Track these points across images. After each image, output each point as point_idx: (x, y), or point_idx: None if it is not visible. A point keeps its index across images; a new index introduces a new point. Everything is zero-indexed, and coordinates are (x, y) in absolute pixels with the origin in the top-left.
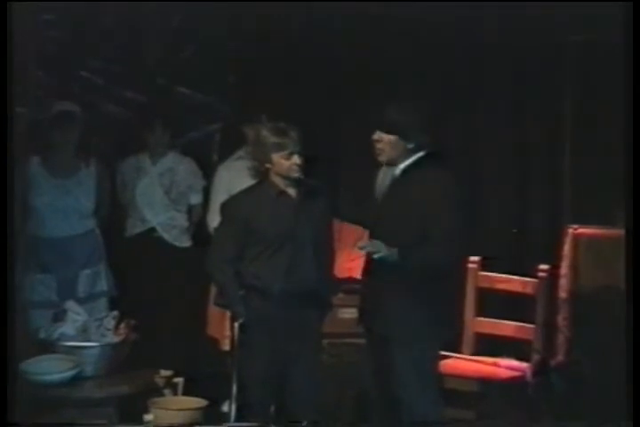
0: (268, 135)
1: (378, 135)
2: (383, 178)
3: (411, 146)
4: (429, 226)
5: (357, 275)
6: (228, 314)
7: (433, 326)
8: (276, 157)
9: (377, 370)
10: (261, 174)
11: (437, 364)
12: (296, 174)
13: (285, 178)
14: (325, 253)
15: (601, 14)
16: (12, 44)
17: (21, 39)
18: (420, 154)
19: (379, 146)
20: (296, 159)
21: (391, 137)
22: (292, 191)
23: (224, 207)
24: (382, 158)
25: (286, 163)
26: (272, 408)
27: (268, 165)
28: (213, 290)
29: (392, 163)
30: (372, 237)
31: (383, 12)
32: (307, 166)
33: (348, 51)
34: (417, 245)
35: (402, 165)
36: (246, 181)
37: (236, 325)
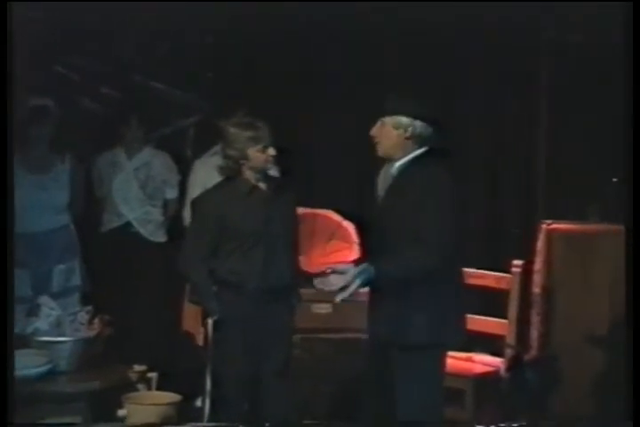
0: (238, 131)
1: (374, 130)
2: (384, 175)
3: (407, 135)
4: (419, 229)
5: None
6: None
7: (438, 330)
8: (251, 151)
9: (378, 375)
10: (233, 172)
11: (442, 370)
12: (270, 166)
13: (258, 172)
14: (295, 248)
15: (601, 14)
16: (12, 43)
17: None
18: (422, 150)
19: (375, 140)
20: (271, 151)
21: (386, 126)
22: (263, 186)
23: (195, 204)
24: (379, 152)
25: (262, 156)
26: (245, 404)
27: (242, 162)
28: (188, 286)
29: (389, 157)
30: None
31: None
32: (276, 160)
33: (328, 48)
34: (393, 253)
35: (399, 162)
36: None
37: (210, 321)
